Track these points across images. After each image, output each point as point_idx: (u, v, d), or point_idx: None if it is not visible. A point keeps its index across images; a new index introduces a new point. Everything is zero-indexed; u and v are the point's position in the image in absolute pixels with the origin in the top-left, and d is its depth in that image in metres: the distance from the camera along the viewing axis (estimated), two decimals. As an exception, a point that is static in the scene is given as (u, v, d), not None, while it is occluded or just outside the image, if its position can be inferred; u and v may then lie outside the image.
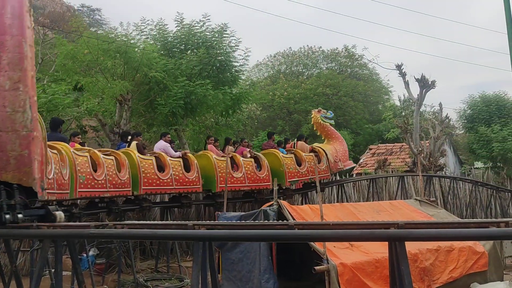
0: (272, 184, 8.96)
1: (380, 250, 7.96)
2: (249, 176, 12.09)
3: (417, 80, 21.91)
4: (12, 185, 4.98)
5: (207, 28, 15.40)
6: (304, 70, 30.45)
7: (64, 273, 8.63)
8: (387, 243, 4.20)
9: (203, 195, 12.11)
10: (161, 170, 10.53)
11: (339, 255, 8.00)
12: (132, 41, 13.40)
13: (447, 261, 9.11)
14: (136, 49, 13.20)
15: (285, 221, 5.55)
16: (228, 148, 12.44)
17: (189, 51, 14.90)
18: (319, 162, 13.84)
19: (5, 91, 4.97)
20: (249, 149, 12.93)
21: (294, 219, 7.86)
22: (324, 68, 30.17)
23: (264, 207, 8.97)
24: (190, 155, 11.41)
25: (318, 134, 15.27)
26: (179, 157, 11.03)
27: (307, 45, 34.24)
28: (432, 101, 73.09)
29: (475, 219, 16.12)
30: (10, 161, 4.97)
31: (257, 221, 7.85)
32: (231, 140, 13.53)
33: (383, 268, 7.69)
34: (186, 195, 11.31)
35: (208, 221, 5.80)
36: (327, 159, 14.08)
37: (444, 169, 21.52)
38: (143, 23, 15.19)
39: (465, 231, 3.90)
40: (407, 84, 22.92)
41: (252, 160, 12.47)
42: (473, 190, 20.60)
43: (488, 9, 66.03)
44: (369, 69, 30.57)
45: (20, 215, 4.93)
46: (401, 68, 22.71)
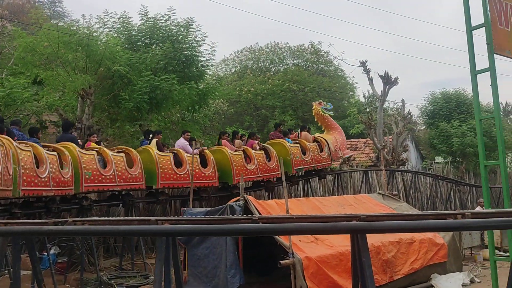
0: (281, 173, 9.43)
1: (344, 244, 8.10)
2: (260, 167, 12.98)
3: (380, 76, 22.34)
4: None
5: (172, 22, 15.21)
6: (271, 66, 30.41)
7: (25, 272, 8.40)
8: (350, 236, 4.28)
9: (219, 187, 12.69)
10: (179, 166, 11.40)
11: (304, 249, 8.10)
12: (94, 34, 13.04)
13: (408, 253, 9.37)
14: (99, 42, 12.86)
15: (249, 215, 5.54)
16: (236, 142, 13.30)
17: (154, 45, 14.68)
18: (321, 151, 14.79)
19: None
20: (257, 141, 13.66)
21: (260, 214, 7.88)
22: (291, 64, 30.22)
23: (230, 202, 8.97)
24: (207, 151, 12.24)
25: (319, 124, 16.28)
26: (196, 154, 11.58)
27: (273, 41, 34.28)
28: (395, 97, 75.16)
29: (434, 211, 16.66)
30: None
31: (222, 216, 7.84)
32: (239, 133, 14.55)
33: (347, 261, 7.84)
34: (205, 188, 12.06)
35: (172, 217, 5.73)
36: (329, 148, 15.03)
37: (406, 163, 22.08)
38: (106, 15, 14.85)
39: (424, 223, 4.00)
40: (371, 80, 23.38)
41: (262, 152, 13.29)
42: (434, 184, 21.29)
43: (448, 8, 68.02)
44: (335, 65, 30.86)
45: None
46: (366, 65, 23.14)
